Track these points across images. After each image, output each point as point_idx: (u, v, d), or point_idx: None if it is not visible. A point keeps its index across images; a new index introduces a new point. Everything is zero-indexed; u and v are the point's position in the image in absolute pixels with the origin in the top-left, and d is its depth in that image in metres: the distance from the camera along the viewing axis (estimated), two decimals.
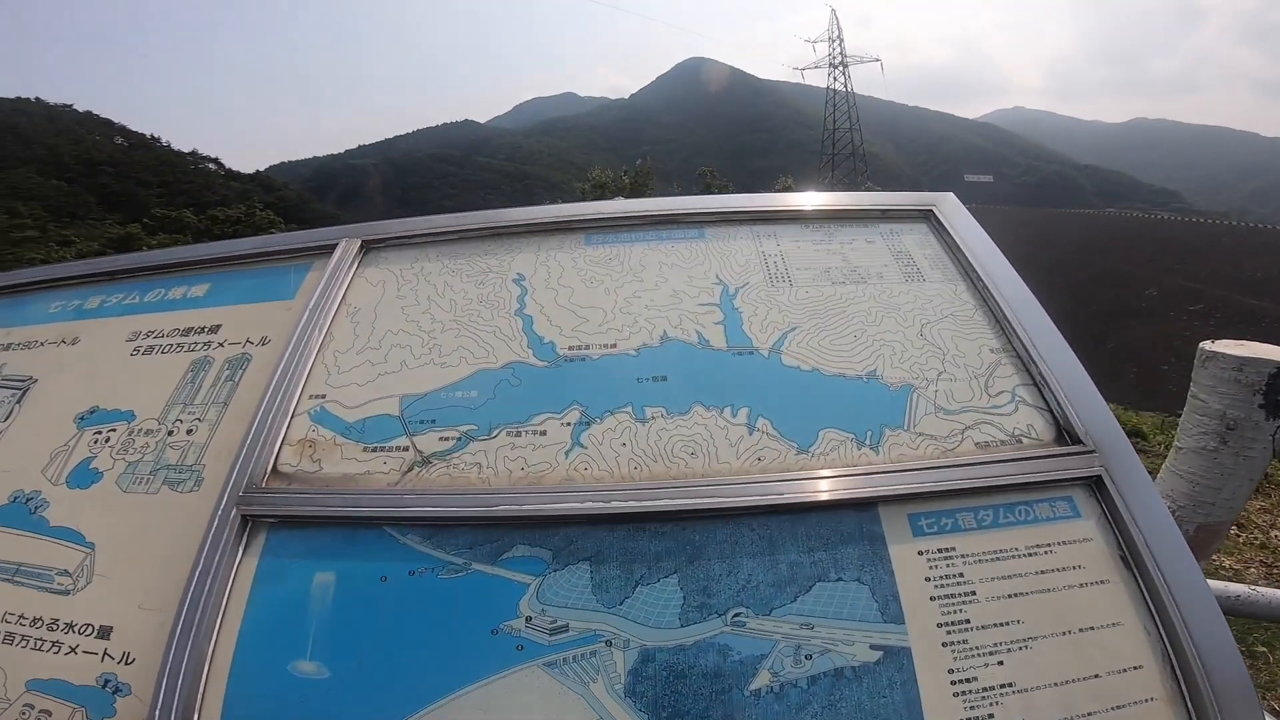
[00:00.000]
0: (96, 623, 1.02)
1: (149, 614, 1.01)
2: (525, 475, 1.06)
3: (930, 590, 0.92)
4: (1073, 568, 0.94)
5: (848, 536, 0.97)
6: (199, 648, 0.94)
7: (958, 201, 1.51)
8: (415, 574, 0.98)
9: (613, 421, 1.12)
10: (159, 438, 1.22)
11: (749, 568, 0.95)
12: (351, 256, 1.48)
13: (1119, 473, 1.00)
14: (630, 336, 1.25)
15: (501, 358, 1.24)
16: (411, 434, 1.14)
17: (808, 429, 1.09)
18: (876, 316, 1.27)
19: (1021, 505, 0.99)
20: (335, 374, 1.25)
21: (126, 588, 1.05)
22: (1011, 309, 1.23)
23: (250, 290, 1.50)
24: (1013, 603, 0.91)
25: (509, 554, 0.98)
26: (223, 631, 0.96)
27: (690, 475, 1.04)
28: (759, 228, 1.49)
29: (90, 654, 1.00)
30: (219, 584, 0.98)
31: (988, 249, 1.36)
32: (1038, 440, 1.07)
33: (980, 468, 1.01)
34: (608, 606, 0.93)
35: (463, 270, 1.43)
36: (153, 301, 1.55)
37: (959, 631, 0.89)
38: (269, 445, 1.13)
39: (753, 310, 1.29)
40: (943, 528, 0.97)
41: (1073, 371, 1.14)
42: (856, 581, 0.93)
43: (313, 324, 1.32)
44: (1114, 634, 0.89)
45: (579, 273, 1.40)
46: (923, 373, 1.16)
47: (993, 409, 1.11)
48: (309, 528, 1.04)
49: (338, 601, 0.97)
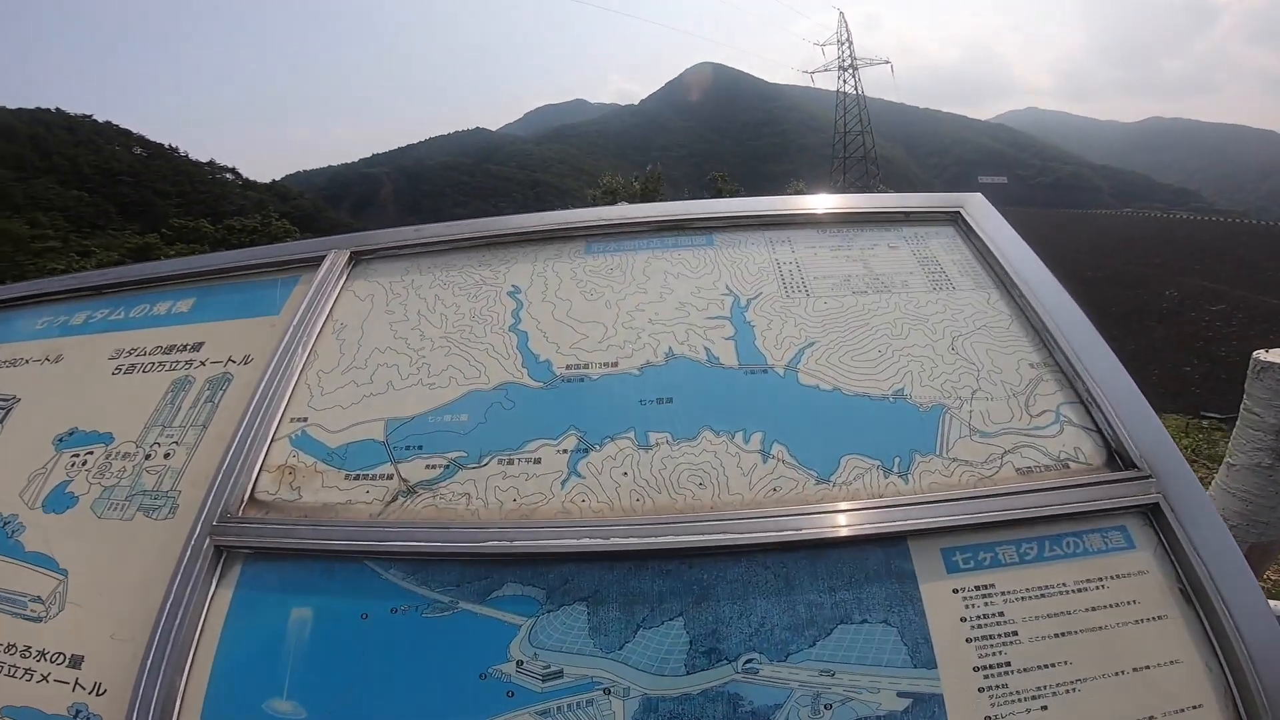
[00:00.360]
0: (68, 651, 1.00)
1: (121, 644, 0.98)
2: (517, 507, 1.01)
3: (966, 631, 0.85)
4: (1127, 603, 0.87)
5: (874, 574, 0.90)
6: (170, 682, 0.91)
7: (986, 202, 1.42)
8: (398, 612, 0.93)
9: (613, 448, 1.05)
10: (136, 461, 1.19)
11: (763, 609, 0.88)
12: (340, 269, 1.43)
13: (1178, 499, 0.92)
14: (633, 354, 1.19)
15: (494, 378, 1.18)
16: (396, 461, 1.09)
17: (828, 456, 1.01)
18: (902, 329, 1.19)
19: (1069, 537, 0.91)
20: (318, 395, 1.21)
21: (99, 617, 1.02)
22: (1052, 319, 1.14)
23: (236, 305, 1.46)
24: (1059, 643, 0.84)
25: (499, 592, 0.93)
26: (195, 666, 0.93)
27: (698, 508, 0.98)
28: (772, 233, 1.41)
29: (62, 683, 0.98)
30: (191, 617, 0.95)
31: (1022, 253, 1.28)
32: (1086, 465, 0.99)
33: (1022, 497, 0.93)
34: (606, 651, 0.87)
35: (455, 283, 1.38)
36: (137, 317, 1.52)
37: (998, 675, 0.82)
38: (246, 472, 1.09)
39: (766, 324, 1.21)
40: (980, 563, 0.90)
41: (1123, 388, 1.04)
42: (883, 623, 0.86)
43: (296, 341, 1.28)
44: (1172, 672, 0.82)
45: (578, 284, 1.33)
46: (955, 391, 1.08)
47: (1034, 430, 1.03)
48: (286, 560, 1.00)
49: (316, 638, 0.93)
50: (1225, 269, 21.58)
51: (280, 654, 0.92)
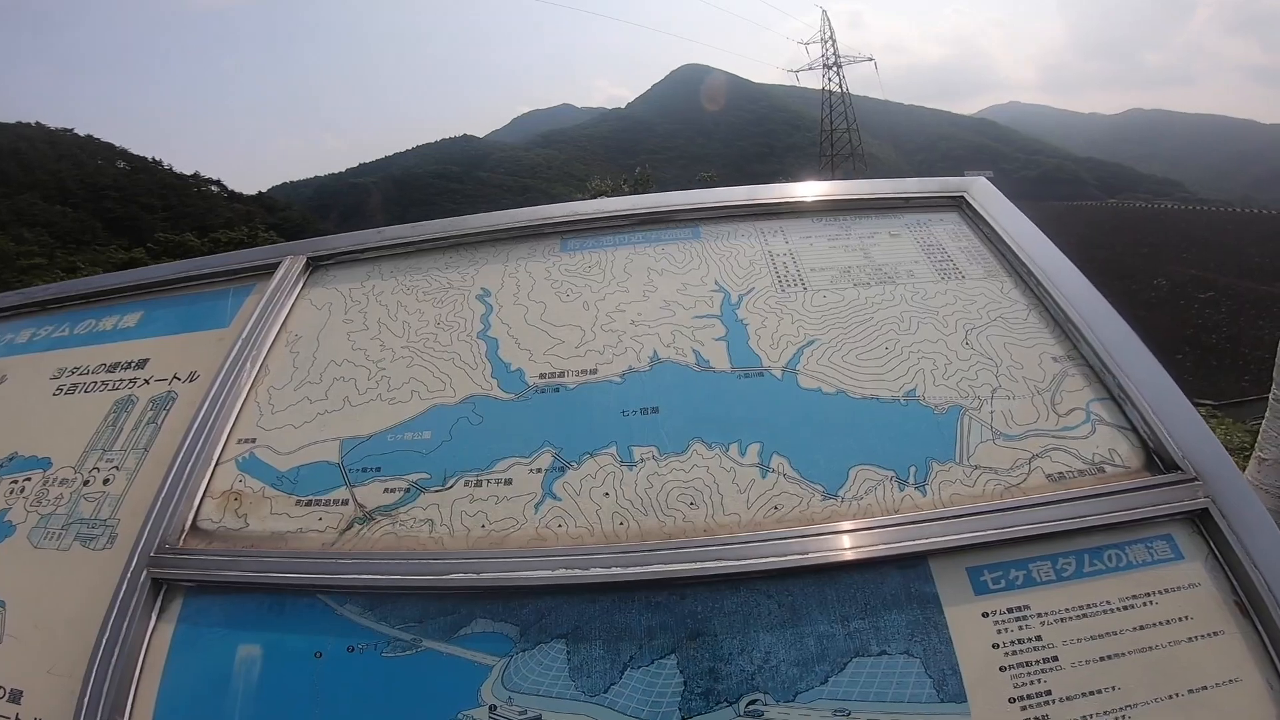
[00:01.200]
0: (8, 686, 0.96)
1: (59, 680, 0.94)
2: (486, 535, 0.93)
3: (1000, 659, 0.78)
4: (1178, 619, 0.80)
5: (892, 600, 0.83)
6: None
7: (991, 185, 1.37)
8: (355, 650, 0.87)
9: (593, 466, 0.98)
10: (74, 488, 1.14)
11: (767, 643, 0.81)
12: (295, 276, 1.35)
13: (1228, 503, 0.85)
14: (613, 360, 1.10)
15: (461, 390, 1.11)
16: (352, 484, 1.02)
17: (835, 467, 0.94)
18: (910, 323, 1.11)
19: (1110, 549, 0.84)
20: (268, 414, 1.15)
21: (37, 650, 0.98)
22: (1074, 307, 1.07)
23: (183, 318, 1.40)
24: (1105, 666, 0.77)
25: (467, 629, 0.86)
26: (136, 707, 0.88)
27: (690, 531, 0.90)
28: (764, 223, 1.33)
29: (3, 717, 0.95)
30: (129, 653, 0.89)
31: (1035, 238, 1.21)
32: (1124, 468, 0.91)
33: (1055, 507, 0.85)
34: (589, 694, 0.80)
35: (419, 287, 1.30)
36: (82, 334, 1.47)
37: (1038, 706, 0.75)
38: (187, 499, 1.02)
39: (761, 321, 1.13)
40: (1012, 582, 0.83)
41: (1159, 381, 0.96)
42: (904, 654, 0.79)
43: (245, 356, 1.21)
44: (1232, 692, 0.76)
45: (553, 284, 1.25)
46: (973, 390, 1.01)
47: (1064, 432, 0.95)
48: (231, 593, 0.94)
49: (265, 679, 0.87)
50: (1212, 257, 21.90)
51: (227, 695, 0.86)
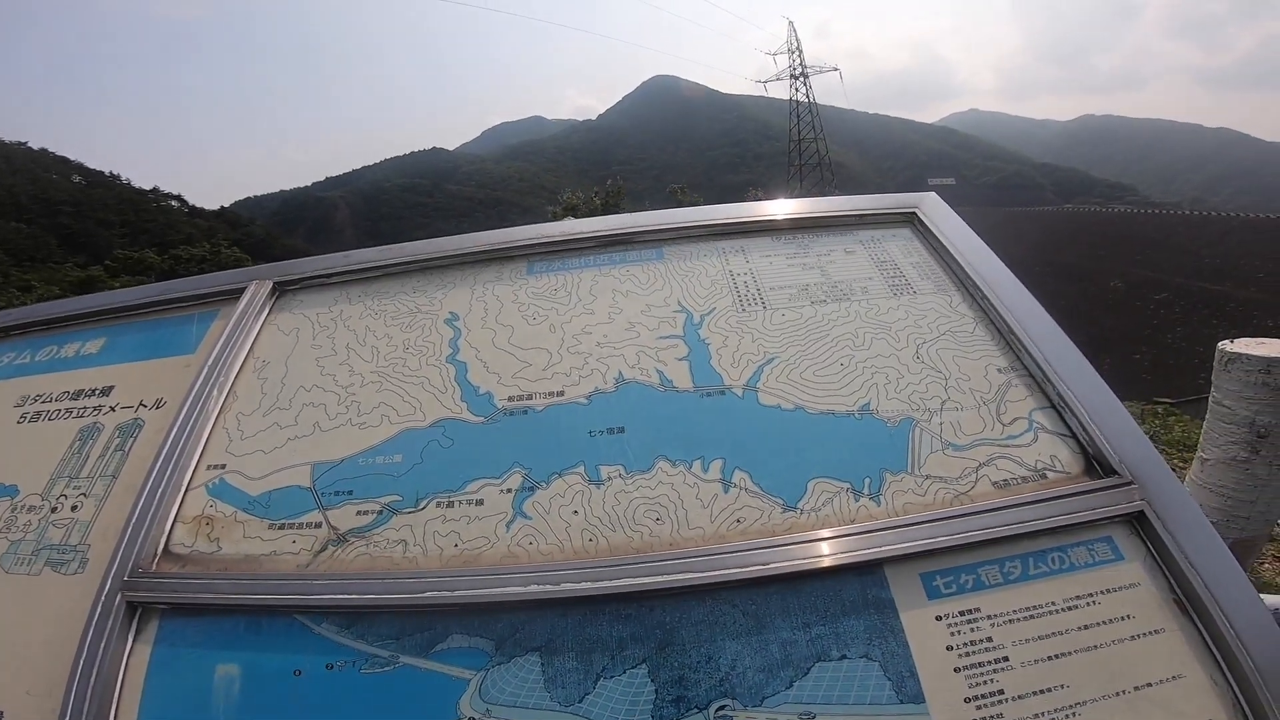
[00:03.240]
0: None
1: (38, 700, 0.93)
2: (459, 554, 0.94)
3: (954, 660, 0.80)
4: (1121, 618, 0.82)
5: (850, 606, 0.84)
6: None
7: (941, 201, 1.40)
8: (334, 668, 0.86)
9: (561, 485, 0.99)
10: (42, 515, 1.13)
11: (733, 651, 0.82)
12: (261, 301, 1.33)
13: (1164, 505, 0.88)
14: (580, 381, 1.11)
15: (430, 414, 1.10)
16: (325, 508, 1.01)
17: (794, 480, 0.96)
18: (865, 339, 1.13)
19: (1054, 552, 0.87)
20: (238, 440, 1.13)
21: (14, 673, 0.97)
22: (1016, 320, 1.11)
23: (148, 345, 1.37)
24: (1054, 665, 0.79)
25: (444, 645, 0.86)
26: None
27: (656, 546, 0.91)
28: (725, 243, 1.35)
29: None
30: (106, 675, 0.89)
31: (981, 253, 1.24)
32: (1064, 474, 0.95)
33: (1001, 513, 0.88)
34: (565, 704, 0.81)
35: (387, 311, 1.29)
36: (44, 361, 1.43)
37: (992, 705, 0.77)
38: (159, 524, 1.02)
39: (722, 341, 1.15)
40: (963, 586, 0.85)
41: (1095, 389, 1.00)
42: (864, 658, 0.81)
43: (212, 382, 1.19)
44: (1177, 688, 0.78)
45: (520, 308, 1.25)
46: (924, 402, 1.03)
47: (1008, 440, 0.98)
48: (207, 615, 0.94)
49: (245, 697, 0.87)
50: (1165, 258, 22.56)
51: (208, 713, 0.86)
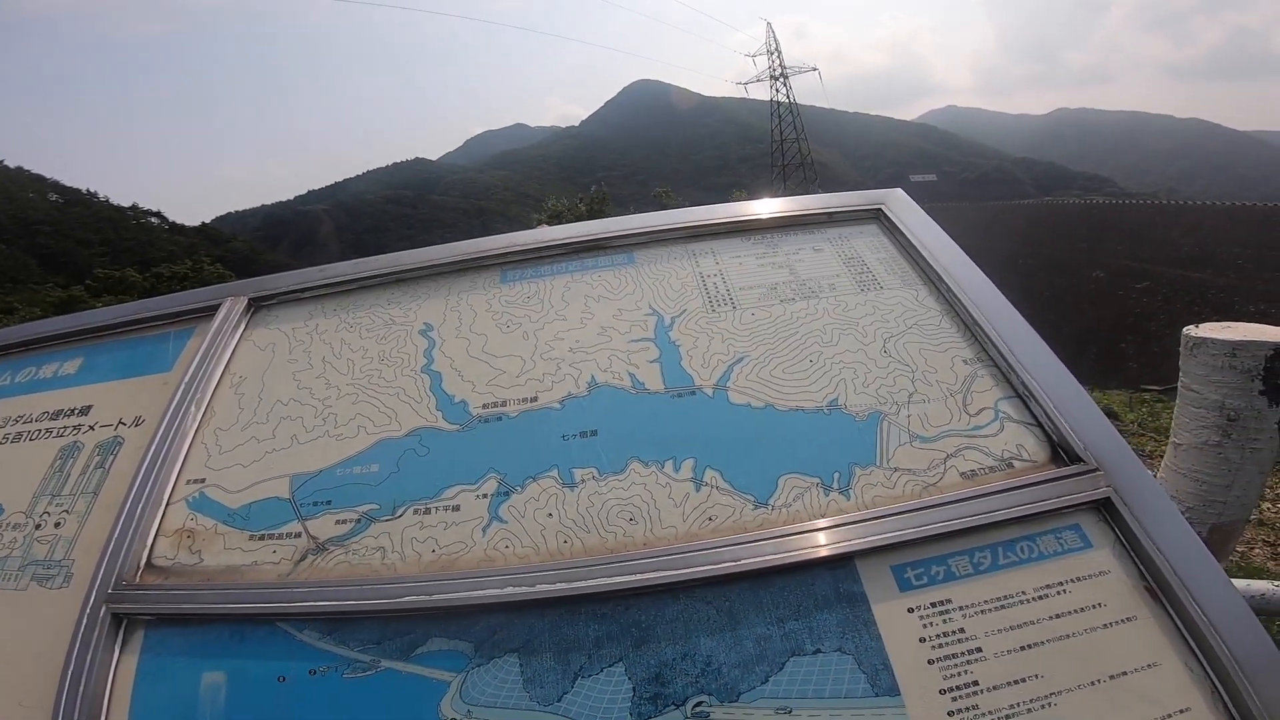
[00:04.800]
0: None
1: (29, 711, 0.95)
2: (437, 559, 0.95)
3: (927, 653, 0.80)
4: (1092, 606, 0.82)
5: (823, 600, 0.85)
6: None
7: (907, 197, 1.41)
8: (317, 673, 0.87)
9: (536, 489, 0.99)
10: (26, 532, 1.14)
11: (708, 648, 0.83)
12: (236, 317, 1.33)
13: (1130, 491, 0.89)
14: (553, 387, 1.12)
15: (406, 424, 1.11)
16: (304, 518, 1.03)
17: (765, 477, 0.96)
18: (833, 335, 1.14)
19: (1023, 541, 0.87)
20: (216, 455, 1.13)
21: (4, 685, 0.98)
22: (981, 312, 1.12)
23: (125, 364, 1.37)
24: (1027, 655, 0.80)
25: (424, 648, 0.87)
26: None
27: (630, 546, 0.92)
28: (695, 245, 1.36)
29: None
30: (95, 686, 0.90)
31: (946, 247, 1.26)
32: (1031, 462, 0.95)
33: (970, 503, 0.89)
34: (544, 704, 0.82)
35: (362, 324, 1.29)
36: (23, 382, 1.43)
37: (966, 696, 0.77)
38: (140, 537, 1.03)
39: (693, 342, 1.16)
40: (934, 578, 0.85)
41: (1059, 378, 1.02)
42: (838, 652, 0.81)
43: (189, 399, 1.20)
44: (1152, 676, 0.78)
45: (494, 316, 1.26)
46: (891, 396, 1.04)
47: (975, 431, 0.99)
48: (191, 625, 0.95)
49: (232, 704, 0.88)
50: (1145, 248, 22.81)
51: None
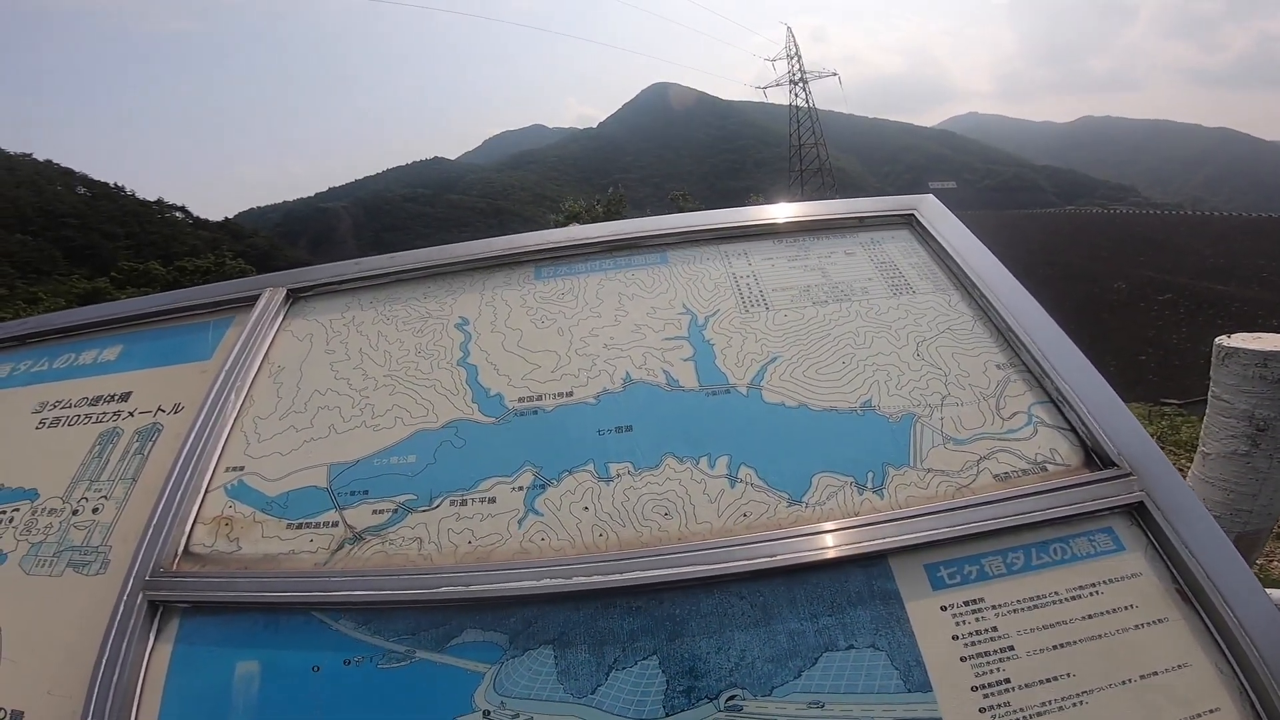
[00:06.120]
0: (8, 707, 0.97)
1: (59, 700, 0.95)
2: (472, 550, 0.95)
3: (960, 650, 0.81)
4: (1124, 608, 0.83)
5: (856, 597, 0.85)
6: None
7: (939, 203, 1.42)
8: (351, 663, 0.88)
9: (572, 482, 1.00)
10: (63, 517, 1.15)
11: (742, 642, 0.84)
12: (275, 308, 1.36)
13: (1163, 495, 0.89)
14: (588, 382, 1.13)
15: (443, 415, 1.12)
16: (341, 507, 1.03)
17: (799, 475, 0.97)
18: (866, 338, 1.15)
19: (1056, 543, 0.88)
20: (255, 442, 1.14)
21: (35, 673, 0.99)
22: (1015, 317, 1.12)
23: (165, 351, 1.39)
24: (1059, 655, 0.80)
25: (458, 639, 0.88)
26: None
27: (665, 540, 0.93)
28: (727, 246, 1.37)
29: None
30: (128, 674, 0.90)
31: (979, 253, 1.26)
32: (1064, 466, 0.96)
33: (1002, 505, 0.89)
34: (577, 696, 0.82)
35: (399, 317, 1.31)
36: (62, 368, 1.45)
37: (998, 694, 0.78)
38: (179, 524, 1.03)
39: (726, 341, 1.17)
40: (967, 577, 0.86)
41: (1093, 383, 1.02)
42: (871, 648, 0.82)
43: (229, 387, 1.21)
44: (1182, 677, 0.79)
45: (528, 312, 1.27)
46: (924, 398, 1.05)
47: (1008, 434, 1.00)
48: (226, 613, 0.95)
49: (265, 693, 0.88)
50: (1168, 259, 22.50)
51: (229, 709, 0.87)
